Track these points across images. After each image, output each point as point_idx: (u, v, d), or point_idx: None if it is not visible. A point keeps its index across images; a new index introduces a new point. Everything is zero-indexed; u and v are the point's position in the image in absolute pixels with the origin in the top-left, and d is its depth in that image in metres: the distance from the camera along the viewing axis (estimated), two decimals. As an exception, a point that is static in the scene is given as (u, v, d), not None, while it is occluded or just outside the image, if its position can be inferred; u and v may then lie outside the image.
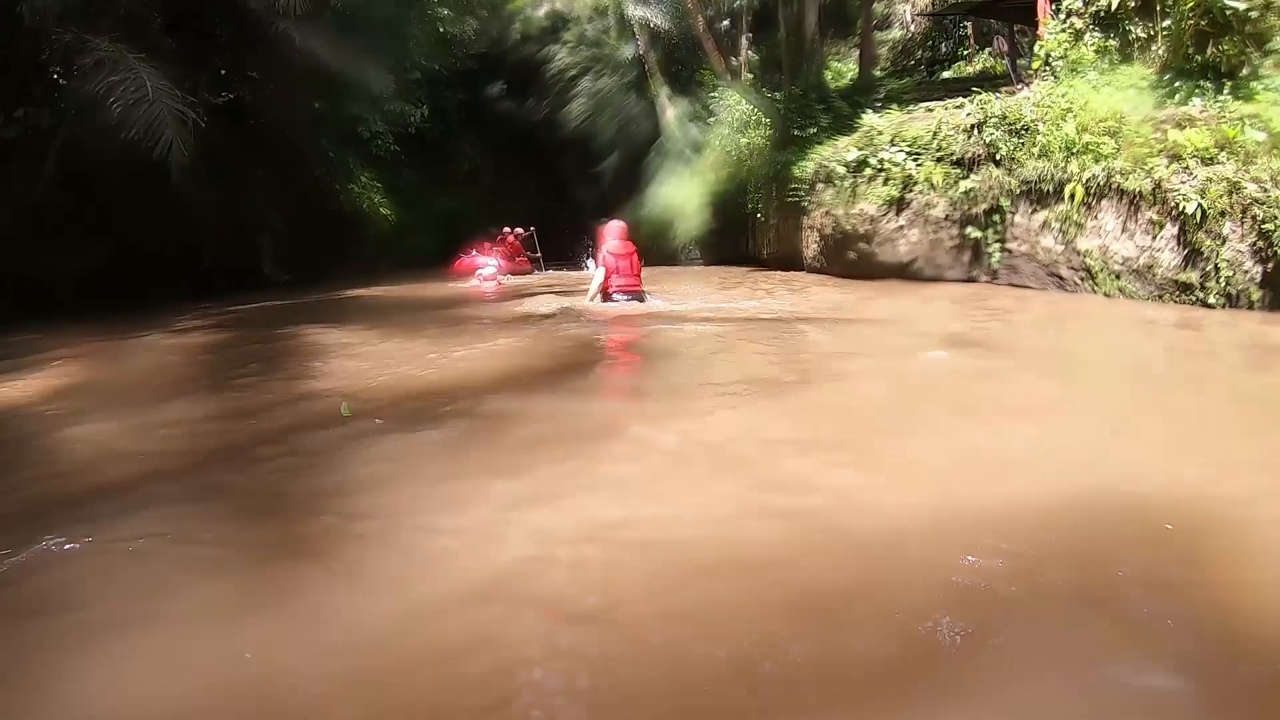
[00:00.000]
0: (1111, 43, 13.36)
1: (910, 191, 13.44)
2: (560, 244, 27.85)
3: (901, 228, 13.56)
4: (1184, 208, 9.81)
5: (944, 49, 28.47)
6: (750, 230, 20.54)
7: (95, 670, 2.56)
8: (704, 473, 4.20)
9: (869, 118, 15.68)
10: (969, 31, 27.73)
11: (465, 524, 3.60)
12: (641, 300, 11.36)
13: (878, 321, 9.60)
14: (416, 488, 4.14)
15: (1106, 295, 10.65)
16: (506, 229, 24.19)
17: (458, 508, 3.78)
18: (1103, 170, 10.86)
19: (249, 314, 14.67)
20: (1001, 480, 3.96)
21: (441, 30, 26.75)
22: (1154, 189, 10.22)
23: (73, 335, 11.96)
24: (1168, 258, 10.09)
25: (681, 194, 25.10)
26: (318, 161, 24.34)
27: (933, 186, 13.10)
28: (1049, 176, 11.54)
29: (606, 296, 11.22)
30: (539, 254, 25.06)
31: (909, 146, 13.76)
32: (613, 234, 11.61)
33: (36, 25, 15.45)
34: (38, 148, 16.52)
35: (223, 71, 20.73)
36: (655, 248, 25.24)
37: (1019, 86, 15.95)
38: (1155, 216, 10.19)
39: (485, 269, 17.94)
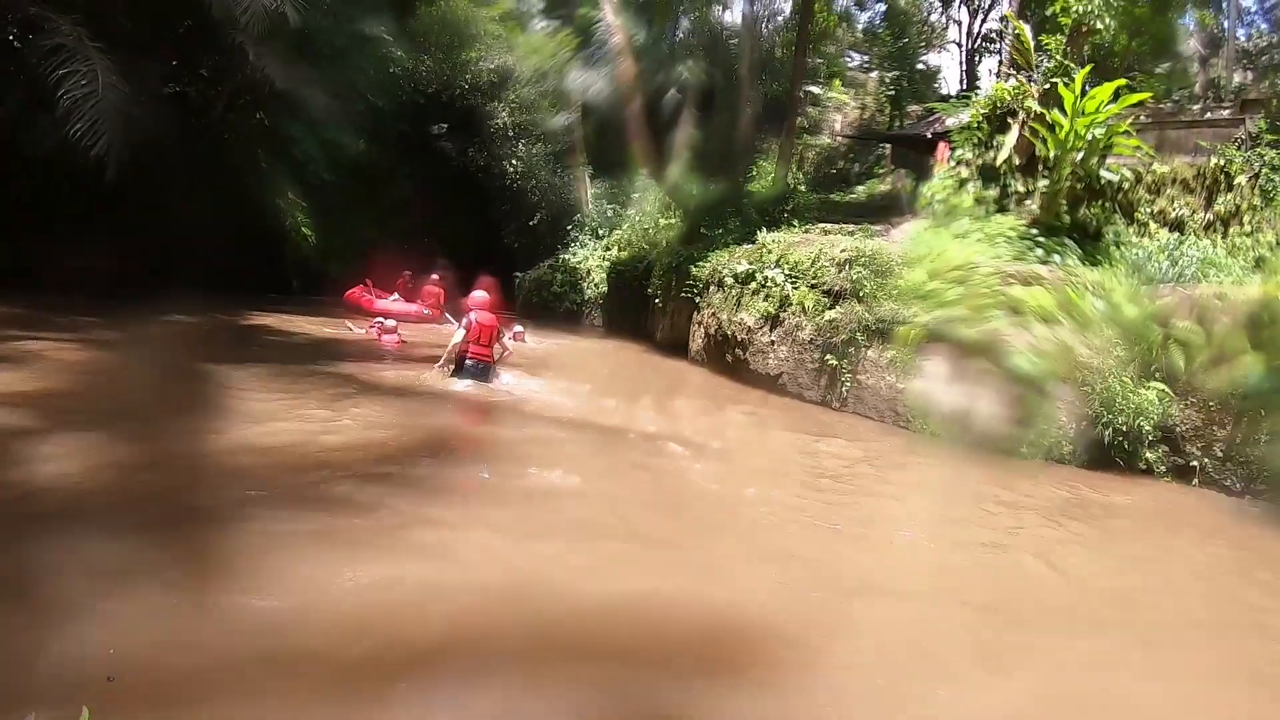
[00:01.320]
0: (991, 193, 14.44)
1: (785, 311, 14.23)
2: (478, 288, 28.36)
3: (773, 343, 14.31)
4: (1015, 362, 10.53)
5: (860, 166, 29.70)
6: (649, 311, 21.22)
7: None
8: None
9: (764, 235, 16.60)
10: (887, 152, 29.07)
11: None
12: (488, 374, 11.87)
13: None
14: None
15: (933, 435, 11.26)
16: (435, 275, 24.77)
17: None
18: (941, 316, 11.62)
19: (160, 331, 15.20)
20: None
21: (392, 70, 27.28)
22: (988, 340, 10.92)
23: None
24: (987, 408, 10.73)
25: (590, 263, 26.03)
26: (249, 170, 24.44)
27: (804, 310, 13.85)
28: (897, 318, 12.28)
29: (460, 356, 11.78)
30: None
31: (790, 269, 14.60)
32: (478, 304, 12.09)
33: None
34: None
35: (174, 63, 21.02)
36: (562, 308, 26.13)
37: (909, 217, 17.03)
38: (986, 366, 10.85)
39: (387, 322, 17.05)
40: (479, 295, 12.30)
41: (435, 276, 24.72)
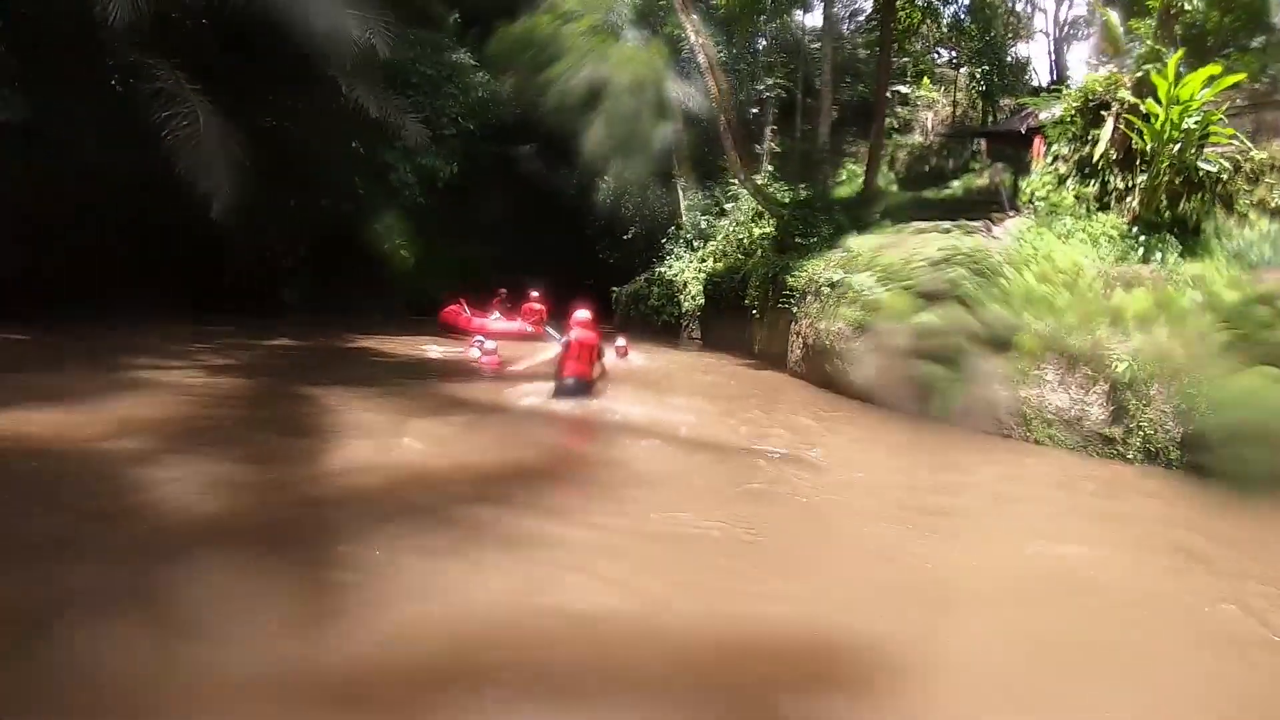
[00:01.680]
0: (1090, 190, 14.21)
1: (875, 317, 13.65)
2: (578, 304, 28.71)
3: (865, 352, 13.78)
4: (1115, 368, 10.37)
5: (954, 163, 29.31)
6: (747, 322, 21.10)
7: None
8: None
9: (853, 240, 16.44)
10: (982, 147, 28.66)
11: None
12: (587, 392, 11.99)
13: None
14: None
15: (1038, 443, 11.05)
16: (534, 293, 24.45)
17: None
18: (1052, 324, 11.32)
19: (268, 355, 15.52)
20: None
21: (480, 93, 27.72)
22: (1093, 350, 10.75)
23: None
24: (1096, 412, 10.62)
25: (686, 275, 26.10)
26: (348, 199, 25.26)
27: (896, 315, 13.21)
28: (1006, 324, 11.77)
29: (560, 373, 11.90)
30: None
31: (881, 273, 14.17)
32: (579, 322, 12.26)
33: (104, 41, 16.54)
34: (87, 151, 17.57)
35: (270, 98, 21.74)
36: (660, 321, 26.27)
37: (1009, 213, 16.75)
38: (1090, 373, 10.72)
39: (486, 343, 16.61)
40: (581, 314, 12.43)
41: (535, 294, 24.49)
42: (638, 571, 5.50)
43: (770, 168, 28.27)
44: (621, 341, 17.78)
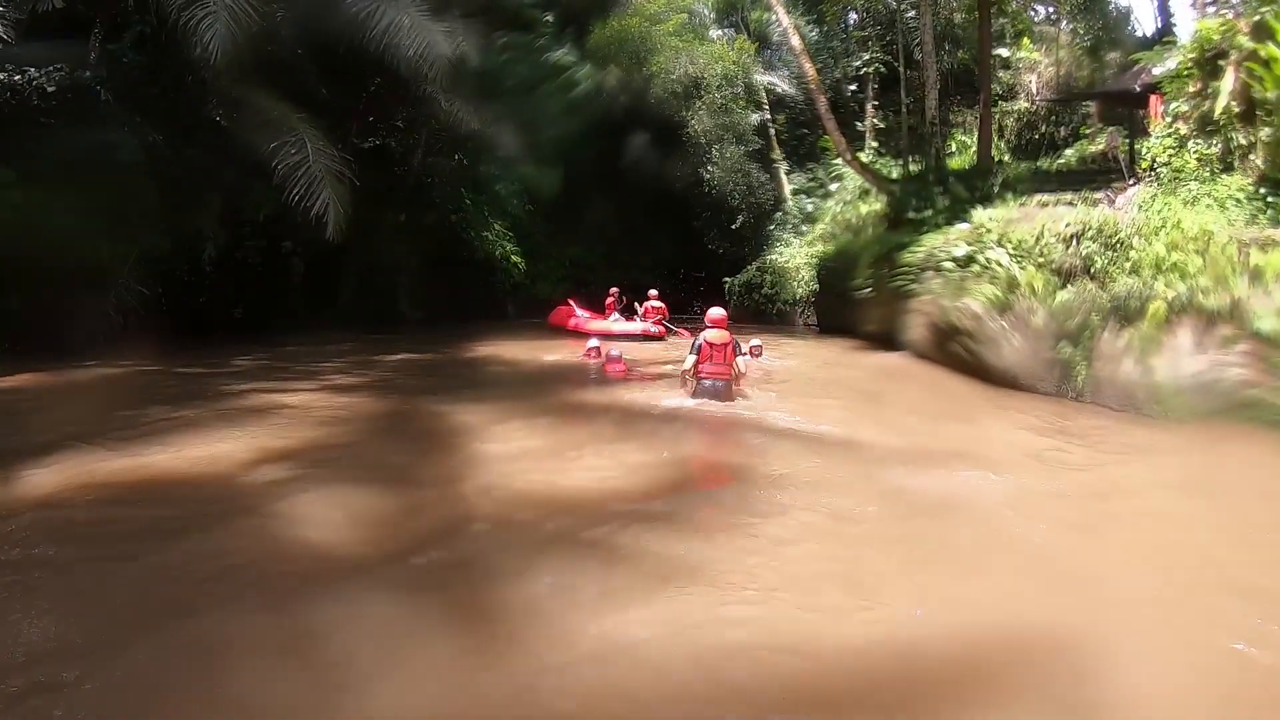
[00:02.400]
0: (1213, 150, 13.76)
1: (1013, 295, 13.20)
2: (691, 298, 28.68)
3: (1003, 330, 13.23)
4: (1258, 326, 9.97)
5: (1065, 129, 28.56)
6: (858, 304, 20.44)
7: None
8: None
9: (979, 213, 15.72)
10: (1093, 110, 27.91)
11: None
12: (726, 393, 11.61)
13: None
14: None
15: (1181, 419, 10.44)
16: (653, 291, 23.79)
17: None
18: (1186, 289, 10.90)
19: (392, 371, 15.73)
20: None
21: (578, 93, 27.97)
22: (1231, 307, 10.37)
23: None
24: (1237, 380, 10.13)
25: (796, 260, 26.01)
26: (455, 209, 25.96)
27: (1034, 293, 12.85)
28: (1137, 294, 11.41)
29: (696, 375, 11.68)
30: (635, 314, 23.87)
31: (1014, 249, 13.73)
32: (712, 321, 11.88)
33: (205, 77, 17.26)
34: (201, 186, 18.50)
35: (370, 119, 22.32)
36: (774, 309, 26.23)
37: (1130, 181, 16.32)
38: (1229, 333, 10.28)
39: (611, 350, 15.58)
40: (715, 312, 12.17)
41: (653, 292, 23.65)
42: (811, 585, 5.39)
43: (875, 144, 28.05)
44: (756, 341, 16.76)
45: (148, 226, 17.59)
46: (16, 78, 15.80)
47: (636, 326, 22.13)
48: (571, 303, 24.05)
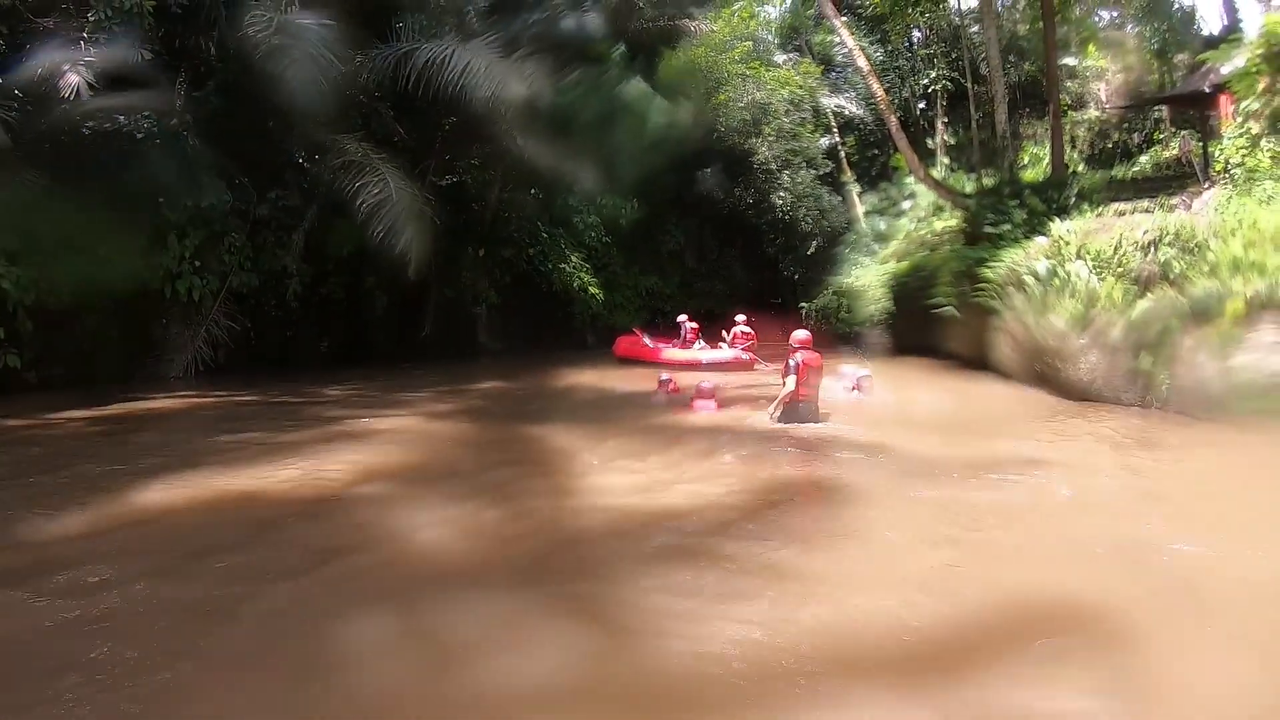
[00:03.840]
0: (1287, 149, 13.65)
1: (1093, 309, 13.05)
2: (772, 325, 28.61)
3: (1084, 346, 13.09)
4: None
5: (1138, 136, 28.36)
6: (940, 322, 19.84)
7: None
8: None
9: (1057, 226, 15.55)
10: (1164, 115, 27.68)
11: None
12: (815, 414, 11.63)
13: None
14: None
15: (1258, 413, 10.27)
16: (740, 317, 22.07)
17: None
18: (1266, 285, 10.82)
19: (480, 399, 16.16)
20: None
21: (651, 125, 28.29)
22: None
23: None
24: None
25: (865, 280, 26.00)
26: (532, 243, 26.53)
27: (1113, 305, 12.73)
28: (1215, 295, 11.29)
29: (795, 398, 11.44)
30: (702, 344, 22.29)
31: (1093, 260, 13.61)
32: (801, 343, 11.71)
33: (289, 121, 18.10)
34: (286, 225, 19.67)
35: (447, 157, 22.94)
36: (851, 331, 26.25)
37: (1205, 185, 16.23)
38: None
39: (703, 383, 13.68)
40: (801, 334, 12.00)
41: (742, 318, 21.85)
42: (898, 581, 5.68)
43: (945, 160, 28.05)
44: (865, 371, 14.80)
45: (236, 263, 18.83)
46: (106, 125, 16.56)
47: (727, 354, 20.86)
48: (638, 331, 23.61)
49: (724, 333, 22.12)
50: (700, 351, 21.44)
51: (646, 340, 22.62)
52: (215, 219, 18.40)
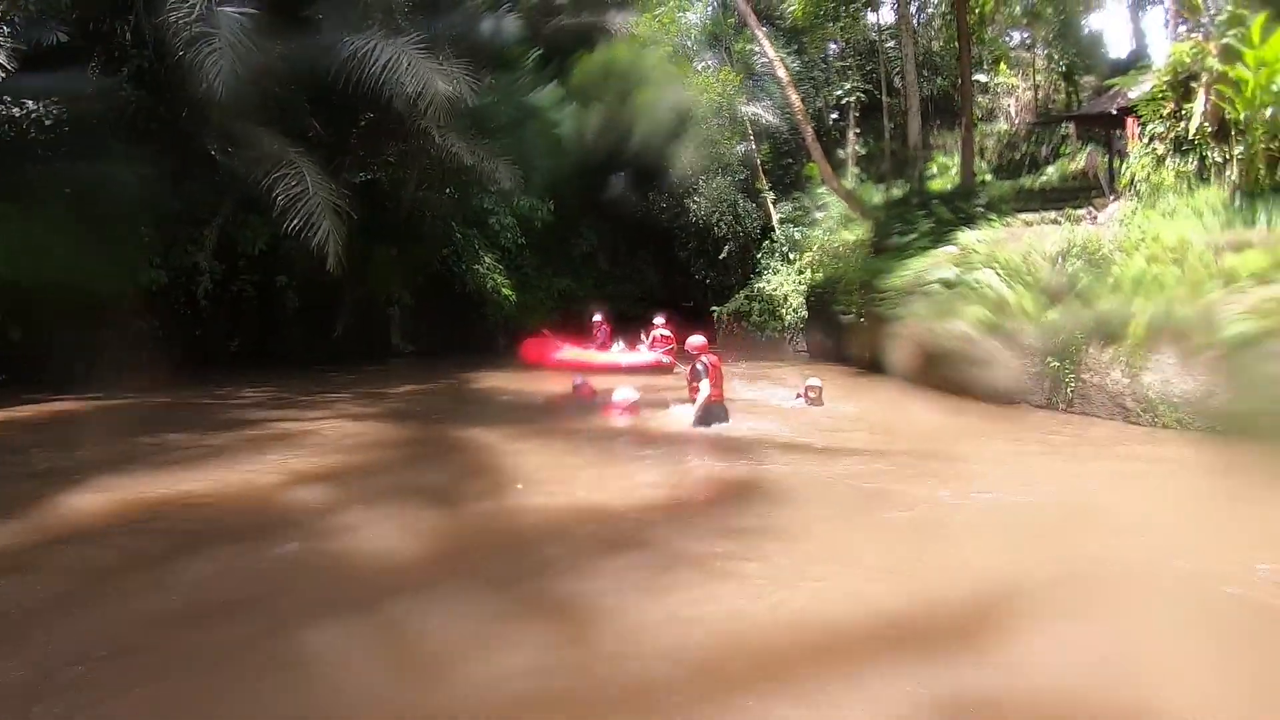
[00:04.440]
0: (1189, 166, 14.05)
1: (1002, 316, 13.44)
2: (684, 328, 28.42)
3: (993, 351, 13.42)
4: (1234, 329, 10.14)
5: (1046, 149, 29.03)
6: (849, 329, 20.45)
7: None
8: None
9: (965, 235, 16.04)
10: (1070, 130, 28.35)
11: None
12: (727, 415, 11.74)
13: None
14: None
15: (1165, 427, 10.81)
16: (658, 319, 21.61)
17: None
18: (1163, 304, 11.16)
19: (400, 400, 15.85)
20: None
21: (565, 128, 28.20)
22: (1205, 313, 10.60)
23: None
24: (1221, 387, 10.32)
25: (785, 288, 26.31)
26: (446, 243, 26.07)
27: (1025, 313, 13.13)
28: (1118, 311, 11.66)
29: (708, 398, 11.49)
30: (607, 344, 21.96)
31: (1002, 269, 13.97)
32: (698, 348, 11.89)
33: (205, 112, 17.49)
34: (198, 220, 19.06)
35: (362, 154, 22.65)
36: (763, 337, 26.47)
37: (1110, 198, 16.65)
38: (1206, 340, 10.47)
39: (622, 391, 13.02)
40: (698, 339, 12.17)
41: (660, 320, 21.46)
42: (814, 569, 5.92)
43: (856, 170, 28.40)
44: (815, 380, 13.61)
45: (145, 260, 18.00)
46: (15, 110, 16.04)
47: (646, 357, 20.28)
48: (548, 333, 22.82)
49: (641, 335, 21.70)
50: (620, 355, 20.95)
51: (559, 343, 21.86)
52: (125, 212, 17.56)
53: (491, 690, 4.17)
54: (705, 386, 11.52)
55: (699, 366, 11.63)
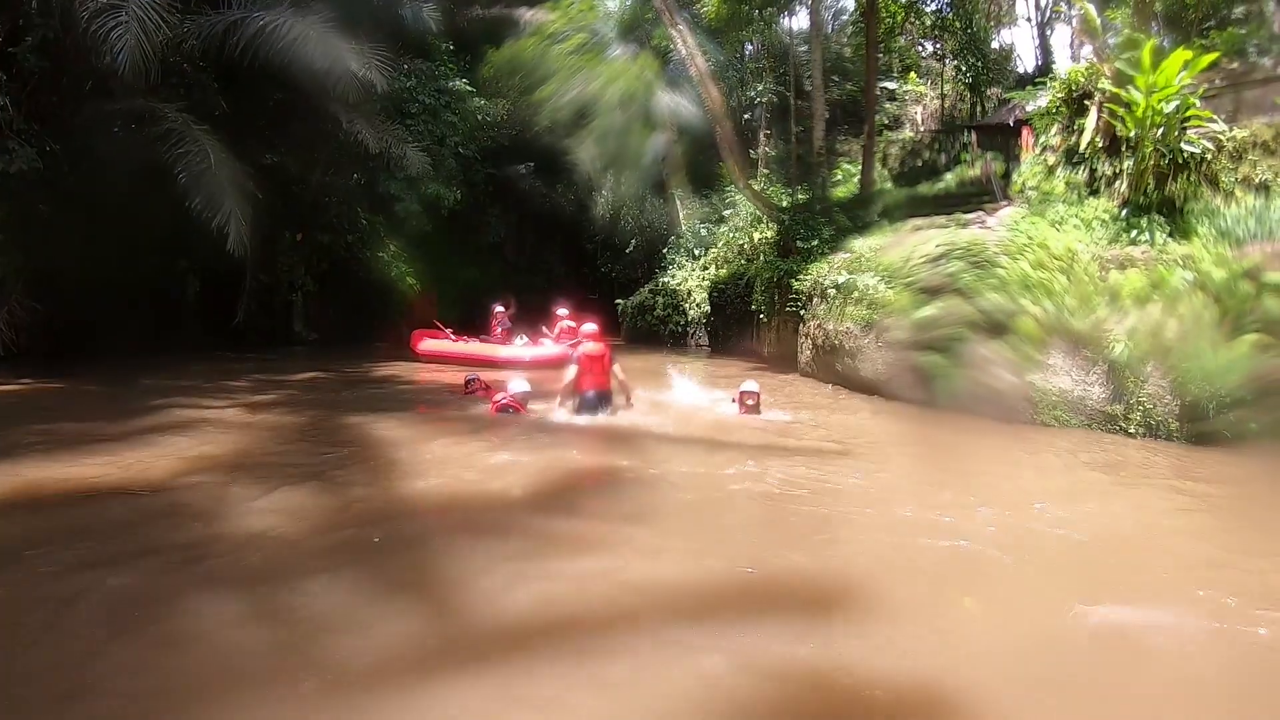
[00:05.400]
0: (1080, 177, 14.59)
1: (880, 314, 14.21)
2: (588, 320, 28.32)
3: (873, 348, 14.32)
4: (1115, 350, 11.03)
5: (945, 157, 29.60)
6: (754, 327, 21.55)
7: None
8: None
9: (857, 242, 16.83)
10: (972, 139, 28.96)
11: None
12: (607, 404, 11.95)
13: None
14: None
15: (1044, 424, 11.54)
16: (562, 310, 21.05)
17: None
18: (1053, 306, 11.84)
19: (299, 389, 15.64)
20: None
21: (477, 118, 28.13)
22: (1093, 331, 11.36)
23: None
24: (1097, 392, 11.25)
25: (690, 284, 26.46)
26: (351, 229, 25.67)
27: (900, 311, 13.75)
28: (1004, 310, 12.19)
29: (578, 388, 11.85)
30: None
31: (884, 272, 14.65)
32: (586, 336, 12.23)
33: (112, 89, 16.98)
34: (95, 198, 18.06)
35: (268, 134, 22.15)
36: (666, 331, 26.65)
37: (1002, 203, 17.17)
38: (1090, 354, 11.35)
39: (514, 383, 12.77)
40: (589, 327, 12.52)
41: (564, 311, 20.83)
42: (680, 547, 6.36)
43: (766, 172, 28.69)
44: (750, 385, 12.71)
45: (42, 240, 17.28)
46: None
47: (552, 350, 19.15)
48: (440, 325, 21.87)
49: (544, 328, 21.08)
50: (522, 349, 19.88)
51: (450, 335, 21.06)
52: (22, 189, 16.69)
53: (354, 664, 4.31)
54: (571, 373, 11.91)
55: (575, 355, 12.06)
